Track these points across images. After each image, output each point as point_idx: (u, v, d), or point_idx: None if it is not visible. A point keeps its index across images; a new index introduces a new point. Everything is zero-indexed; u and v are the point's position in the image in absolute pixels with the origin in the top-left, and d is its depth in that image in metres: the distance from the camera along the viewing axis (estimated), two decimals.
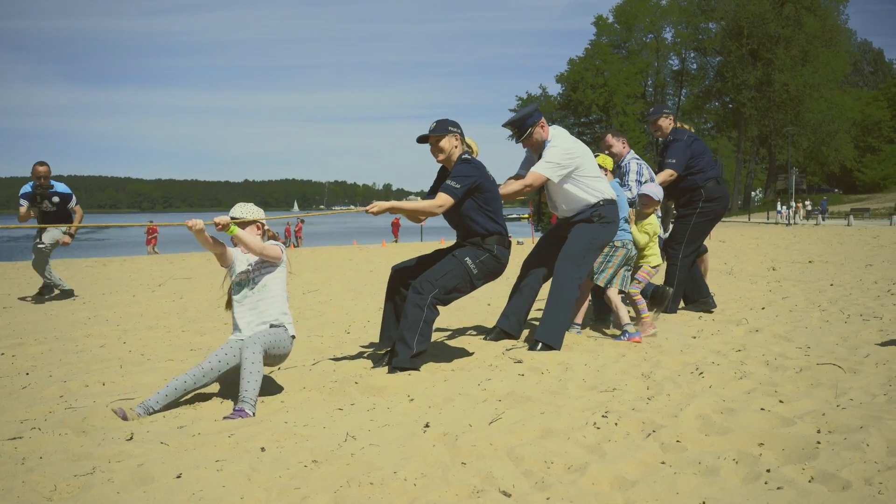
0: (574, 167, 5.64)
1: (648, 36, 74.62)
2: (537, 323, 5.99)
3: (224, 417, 3.96)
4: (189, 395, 4.30)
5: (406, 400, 4.22)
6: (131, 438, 3.55)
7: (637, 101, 71.74)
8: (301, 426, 3.75)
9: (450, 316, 7.51)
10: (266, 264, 4.43)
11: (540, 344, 5.39)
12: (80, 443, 3.49)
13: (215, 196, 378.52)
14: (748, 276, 10.87)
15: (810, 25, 62.99)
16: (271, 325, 4.34)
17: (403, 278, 5.24)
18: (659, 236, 6.50)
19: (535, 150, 5.83)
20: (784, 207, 49.21)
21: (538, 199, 6.70)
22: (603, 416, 3.64)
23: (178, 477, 2.99)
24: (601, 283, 5.98)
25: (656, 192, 6.20)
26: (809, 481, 2.75)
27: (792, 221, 44.60)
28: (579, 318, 6.22)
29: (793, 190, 51.90)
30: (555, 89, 78.84)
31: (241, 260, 4.46)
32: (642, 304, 6.12)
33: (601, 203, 5.71)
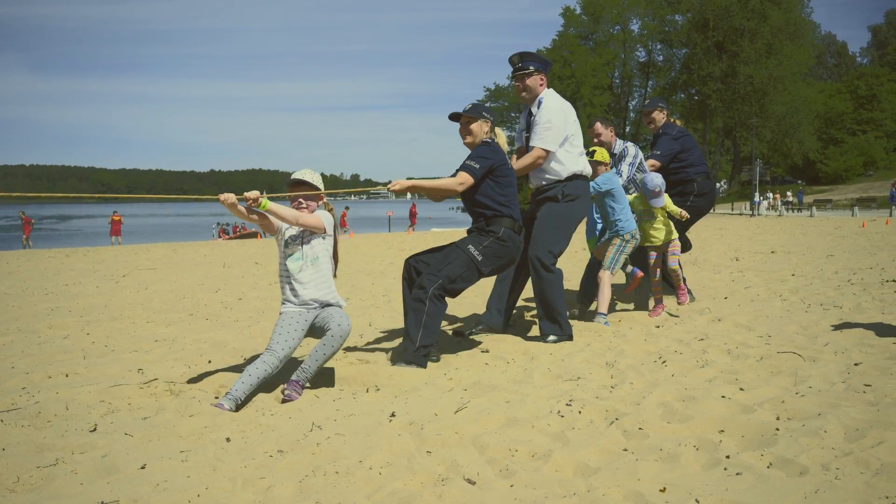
0: (568, 134, 5.68)
1: (615, 27, 74.83)
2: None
3: (284, 392, 4.07)
4: (149, 386, 4.27)
5: (372, 389, 4.23)
6: (95, 430, 3.52)
7: (604, 93, 71.98)
8: (267, 416, 3.75)
9: None
10: (312, 233, 4.35)
11: (551, 336, 5.39)
12: (42, 434, 3.45)
13: (180, 186, 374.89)
14: (712, 266, 10.99)
15: (775, 18, 63.72)
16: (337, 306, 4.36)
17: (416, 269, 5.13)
18: None
19: (525, 100, 5.84)
20: (761, 198, 48.97)
21: None
22: (567, 404, 3.68)
23: (143, 468, 2.98)
24: (614, 272, 6.17)
25: (656, 182, 6.31)
26: (768, 467, 2.81)
27: (756, 212, 44.91)
28: (604, 308, 6.12)
29: (756, 181, 52.45)
30: None
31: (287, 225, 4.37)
32: (679, 277, 6.63)
33: (570, 178, 5.67)
